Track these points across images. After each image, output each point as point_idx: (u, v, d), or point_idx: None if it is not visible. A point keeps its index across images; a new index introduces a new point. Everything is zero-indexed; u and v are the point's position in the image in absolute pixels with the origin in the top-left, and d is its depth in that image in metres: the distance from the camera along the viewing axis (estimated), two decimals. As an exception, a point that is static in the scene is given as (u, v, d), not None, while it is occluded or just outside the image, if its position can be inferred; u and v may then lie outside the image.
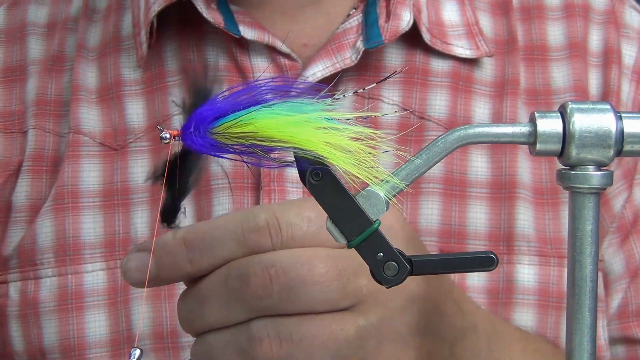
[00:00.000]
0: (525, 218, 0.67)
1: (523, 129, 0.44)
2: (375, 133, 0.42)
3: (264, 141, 0.41)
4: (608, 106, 0.43)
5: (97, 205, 0.68)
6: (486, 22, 0.72)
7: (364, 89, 0.47)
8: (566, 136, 0.43)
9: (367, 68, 0.68)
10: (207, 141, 0.41)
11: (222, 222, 0.51)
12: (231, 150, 0.41)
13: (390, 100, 0.68)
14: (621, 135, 0.43)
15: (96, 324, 0.66)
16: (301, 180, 0.44)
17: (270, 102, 0.41)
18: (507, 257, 0.66)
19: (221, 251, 0.50)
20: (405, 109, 0.69)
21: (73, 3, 0.75)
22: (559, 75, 0.71)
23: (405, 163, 0.44)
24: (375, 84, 0.48)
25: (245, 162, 0.42)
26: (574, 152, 0.43)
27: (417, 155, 0.44)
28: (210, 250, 0.50)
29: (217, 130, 0.41)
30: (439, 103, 0.69)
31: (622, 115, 0.43)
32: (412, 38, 0.68)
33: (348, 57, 0.67)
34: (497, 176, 0.68)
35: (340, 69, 0.66)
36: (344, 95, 0.43)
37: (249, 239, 0.50)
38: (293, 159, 0.42)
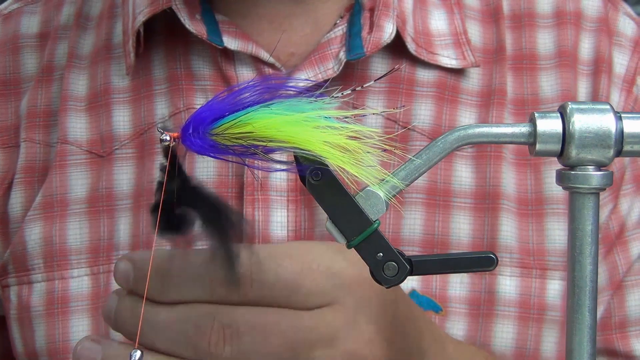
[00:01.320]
0: (508, 229, 0.67)
1: (523, 129, 0.44)
2: (373, 131, 0.42)
3: (263, 141, 0.41)
4: (608, 106, 0.43)
5: (83, 212, 0.68)
6: (475, 31, 0.72)
7: (362, 87, 0.46)
8: (566, 136, 0.43)
9: (352, 78, 0.68)
10: (206, 143, 0.41)
11: (197, 261, 0.50)
12: (231, 151, 0.41)
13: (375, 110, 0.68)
14: (621, 136, 0.43)
15: (79, 329, 0.67)
16: (301, 180, 0.44)
17: (269, 102, 0.41)
18: None
19: (187, 292, 0.50)
20: (397, 109, 0.68)
21: (63, 11, 0.75)
22: (547, 84, 0.71)
23: (405, 163, 0.44)
24: (373, 81, 0.48)
25: (247, 165, 0.42)
26: (573, 152, 0.43)
27: (417, 155, 0.44)
28: (177, 287, 0.50)
29: (217, 132, 0.41)
30: (423, 113, 0.68)
31: (622, 115, 0.43)
32: (398, 48, 0.68)
33: (330, 68, 0.66)
34: (481, 186, 0.67)
35: (322, 80, 0.66)
36: (342, 94, 0.43)
37: (217, 290, 0.50)
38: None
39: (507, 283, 0.66)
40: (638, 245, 0.71)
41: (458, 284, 0.66)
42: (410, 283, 0.65)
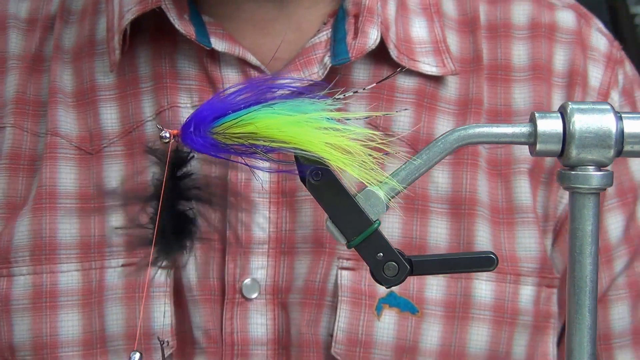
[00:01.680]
0: (483, 235, 0.67)
1: (523, 129, 0.44)
2: (374, 134, 0.42)
3: (264, 141, 0.41)
4: (608, 106, 0.43)
5: (73, 208, 0.68)
6: (453, 41, 0.72)
7: (364, 89, 0.47)
8: (566, 136, 0.43)
9: (335, 83, 0.68)
10: (207, 141, 0.41)
11: None
12: (231, 150, 0.41)
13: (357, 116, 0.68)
14: (621, 136, 0.43)
15: (69, 324, 0.66)
16: (301, 180, 0.44)
17: (271, 102, 0.41)
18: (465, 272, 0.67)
19: None
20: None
21: (53, 0, 0.75)
22: (520, 96, 0.71)
23: (405, 163, 0.44)
24: (375, 84, 0.48)
25: (248, 165, 0.42)
26: (574, 152, 0.43)
27: (417, 155, 0.44)
28: None
29: (218, 130, 0.41)
30: (403, 120, 0.69)
31: (622, 115, 0.43)
32: (380, 54, 0.68)
33: (315, 73, 0.67)
34: (457, 192, 0.68)
35: (307, 84, 0.66)
36: (343, 95, 0.43)
37: None
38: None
39: (483, 287, 0.67)
40: (621, 263, 0.72)
41: (435, 287, 0.66)
42: None
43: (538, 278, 0.68)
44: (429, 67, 0.69)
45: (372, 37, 0.67)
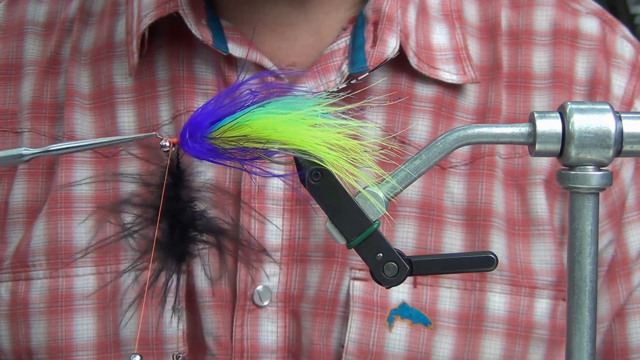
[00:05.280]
0: (498, 247, 0.67)
1: (522, 129, 0.44)
2: (370, 126, 0.42)
3: (261, 143, 0.41)
4: (607, 106, 0.43)
5: (89, 211, 0.68)
6: (473, 48, 0.71)
7: (357, 80, 0.47)
8: (565, 136, 0.43)
9: (351, 89, 0.68)
10: (204, 147, 0.41)
11: None
12: (230, 154, 0.41)
13: (373, 123, 0.68)
14: (620, 136, 0.43)
15: (84, 327, 0.67)
16: (301, 181, 0.44)
17: (264, 102, 0.41)
18: (479, 285, 0.66)
19: None
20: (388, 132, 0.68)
21: (72, 4, 0.75)
22: (540, 105, 0.71)
23: (404, 163, 0.44)
24: (367, 74, 0.48)
25: (245, 170, 0.42)
26: (573, 152, 0.43)
27: (417, 155, 0.44)
28: None
29: (215, 135, 0.41)
30: (420, 128, 0.68)
31: (622, 115, 0.43)
32: (399, 61, 0.68)
33: (332, 80, 0.67)
34: (473, 203, 0.68)
35: (324, 91, 0.66)
36: (337, 87, 0.43)
37: None
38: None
39: (497, 300, 0.66)
40: None
41: (448, 299, 0.66)
42: (401, 296, 0.65)
43: (554, 291, 0.67)
44: (449, 75, 0.69)
45: (391, 46, 0.66)
